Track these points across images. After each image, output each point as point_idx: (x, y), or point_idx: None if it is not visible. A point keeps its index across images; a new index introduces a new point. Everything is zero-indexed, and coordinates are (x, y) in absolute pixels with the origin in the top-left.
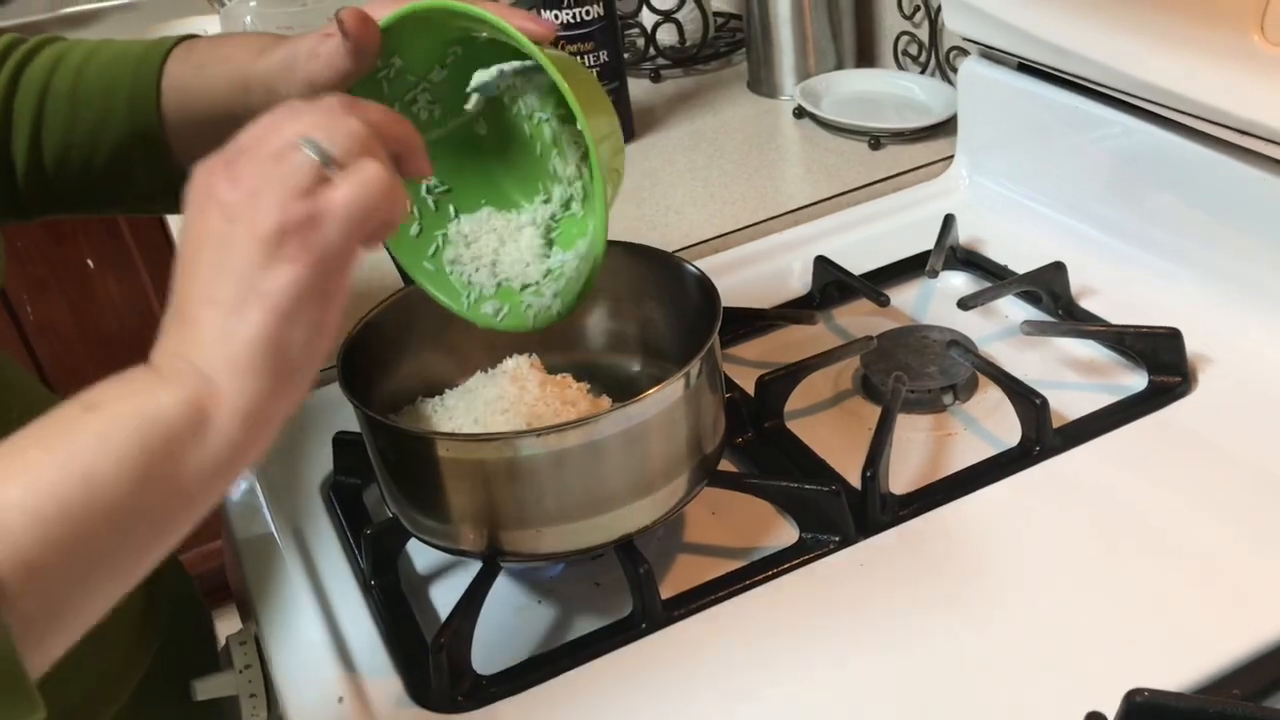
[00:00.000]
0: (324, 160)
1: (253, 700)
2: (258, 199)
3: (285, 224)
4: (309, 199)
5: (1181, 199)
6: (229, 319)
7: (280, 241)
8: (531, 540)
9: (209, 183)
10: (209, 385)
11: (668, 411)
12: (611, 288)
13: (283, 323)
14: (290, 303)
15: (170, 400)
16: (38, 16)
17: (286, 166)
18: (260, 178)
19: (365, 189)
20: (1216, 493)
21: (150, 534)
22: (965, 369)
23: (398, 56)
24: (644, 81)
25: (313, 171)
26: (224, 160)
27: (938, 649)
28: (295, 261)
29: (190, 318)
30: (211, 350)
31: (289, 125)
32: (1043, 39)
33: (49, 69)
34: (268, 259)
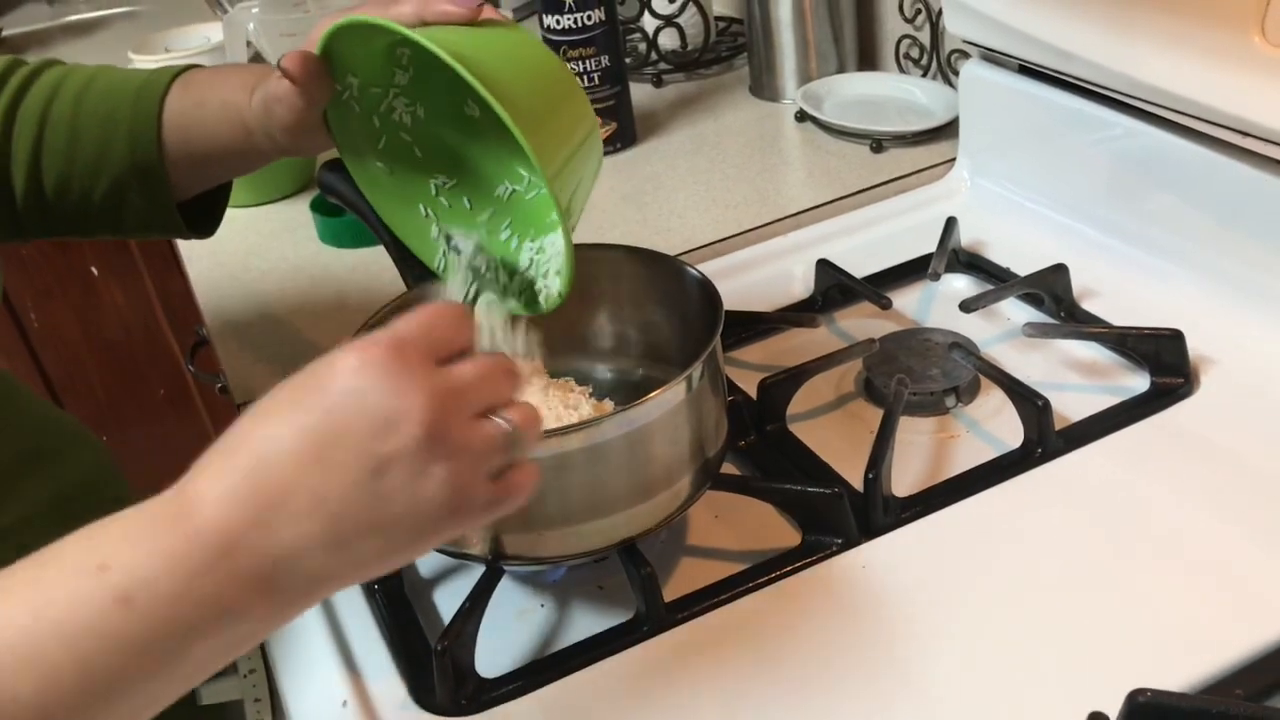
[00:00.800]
0: (512, 445)
1: (257, 705)
2: (453, 466)
3: (463, 504)
4: (492, 486)
5: (1183, 200)
6: (342, 541)
7: (444, 514)
8: (534, 543)
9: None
10: (271, 597)
11: (670, 415)
12: (613, 292)
13: (383, 567)
14: (403, 560)
15: (220, 596)
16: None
17: (489, 444)
18: (463, 440)
19: (528, 487)
20: (1219, 494)
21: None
22: (967, 371)
23: (351, 75)
24: (646, 86)
25: (504, 454)
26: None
27: (940, 650)
28: (443, 536)
29: (288, 505)
30: (300, 561)
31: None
32: (1044, 41)
33: (48, 96)
34: (424, 525)
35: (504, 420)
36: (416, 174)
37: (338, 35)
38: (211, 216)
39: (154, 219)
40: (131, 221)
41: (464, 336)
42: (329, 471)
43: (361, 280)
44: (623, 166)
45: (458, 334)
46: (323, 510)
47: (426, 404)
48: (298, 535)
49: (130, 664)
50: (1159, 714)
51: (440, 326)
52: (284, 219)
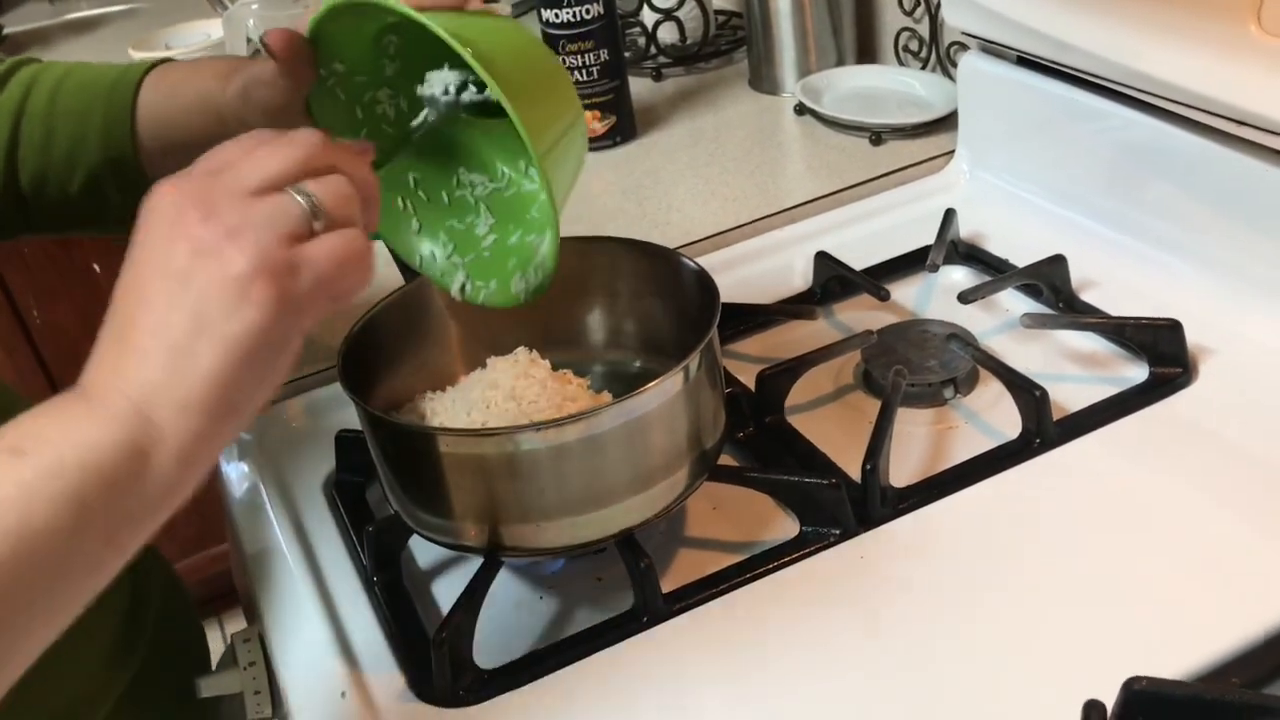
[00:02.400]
0: (313, 213)
1: (257, 697)
2: (236, 238)
3: (262, 267)
4: (291, 248)
5: (1182, 191)
6: (181, 357)
7: (250, 284)
8: (532, 535)
9: (177, 209)
10: (151, 426)
11: (667, 405)
12: (611, 284)
13: (238, 367)
14: (249, 348)
15: (108, 441)
16: (42, 22)
17: (273, 209)
18: (241, 216)
19: (347, 249)
20: (1216, 483)
21: (81, 575)
22: (965, 362)
23: (338, 61)
24: (645, 80)
25: (301, 220)
26: (195, 187)
27: (937, 640)
28: (262, 307)
29: (136, 347)
30: (158, 389)
31: (271, 163)
32: (1042, 32)
33: (23, 92)
34: (235, 300)
35: (296, 190)
36: (396, 166)
37: (330, 16)
38: None
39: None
40: (110, 216)
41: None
42: (152, 306)
43: None
44: (622, 160)
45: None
46: (160, 341)
47: (191, 199)
48: (148, 370)
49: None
50: (1155, 702)
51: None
52: None
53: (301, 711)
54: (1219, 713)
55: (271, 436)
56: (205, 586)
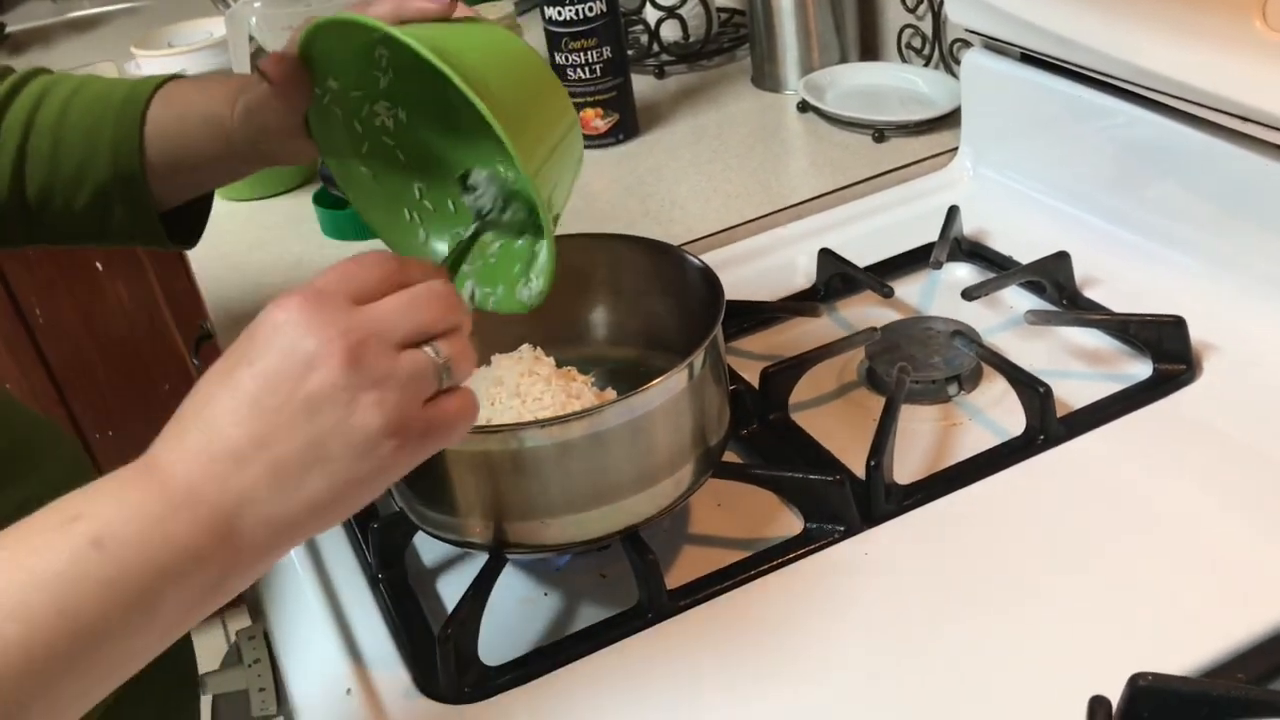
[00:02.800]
0: (446, 377)
1: (262, 694)
2: (379, 390)
3: (397, 429)
4: (426, 411)
5: (1185, 187)
6: (288, 479)
7: (382, 442)
8: (537, 532)
9: (326, 337)
10: (232, 542)
11: (671, 403)
12: (615, 281)
13: (338, 504)
14: (358, 492)
15: (184, 540)
16: (43, 20)
17: (415, 369)
18: (388, 368)
19: (469, 412)
20: (1221, 479)
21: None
22: (969, 359)
23: (331, 79)
24: (648, 78)
25: (436, 382)
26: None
27: (942, 636)
28: (386, 466)
29: (234, 452)
30: (254, 503)
31: (419, 318)
32: (1045, 29)
33: (33, 105)
34: (362, 450)
35: (431, 349)
36: (400, 177)
37: (314, 36)
38: (194, 226)
39: (136, 229)
40: (114, 231)
41: (388, 275)
42: (265, 418)
43: None
44: (625, 158)
45: (380, 275)
46: (264, 455)
47: (342, 337)
48: (246, 482)
49: (106, 606)
50: (1160, 698)
51: (361, 271)
52: (287, 212)
53: (307, 708)
54: (1224, 709)
55: None
56: None
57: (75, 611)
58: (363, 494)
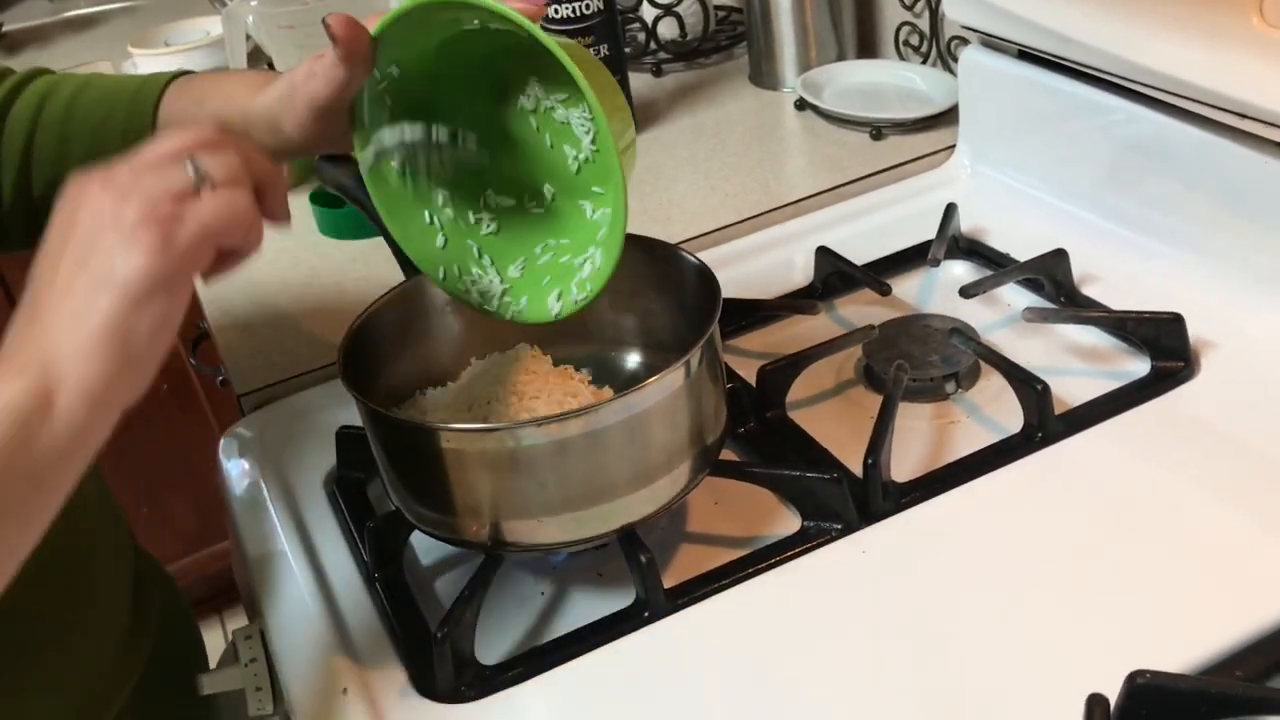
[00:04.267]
0: (200, 177)
1: (258, 693)
2: (128, 198)
3: (147, 216)
4: (177, 203)
5: (1183, 184)
6: (81, 309)
7: (137, 231)
8: (534, 530)
9: (82, 188)
10: (53, 371)
11: (668, 401)
12: (612, 279)
13: (130, 309)
14: (138, 289)
15: (17, 390)
16: (41, 20)
17: (163, 173)
18: (134, 181)
19: (230, 209)
20: (1218, 477)
21: (14, 525)
22: (967, 357)
23: (395, 66)
24: (645, 75)
25: (186, 182)
26: (101, 171)
27: (940, 634)
28: (149, 250)
29: (42, 307)
30: (59, 340)
31: (171, 143)
32: (1043, 26)
33: (39, 102)
34: (123, 246)
35: (188, 163)
36: (430, 182)
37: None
38: None
39: None
40: None
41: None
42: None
43: (361, 271)
44: None
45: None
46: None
47: (95, 174)
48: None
49: None
50: (1158, 695)
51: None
52: None
53: (303, 707)
54: (1222, 706)
55: (272, 433)
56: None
57: None
58: (150, 299)
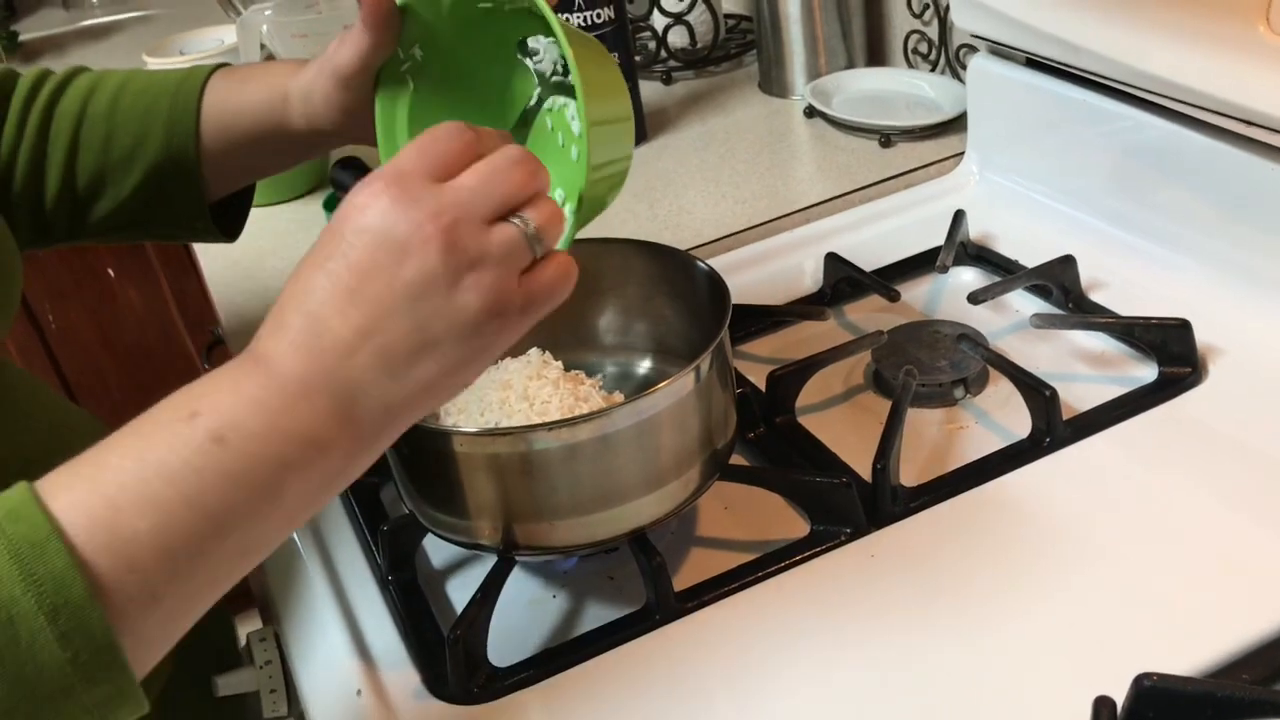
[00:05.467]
0: (535, 240)
1: (273, 695)
2: (475, 271)
3: (496, 308)
4: (521, 284)
5: (1190, 191)
6: (397, 365)
7: (486, 323)
8: (545, 534)
9: (414, 224)
10: (351, 430)
11: (678, 405)
12: (623, 285)
13: (449, 384)
14: (467, 372)
15: (305, 431)
16: (57, 29)
17: (507, 244)
18: (480, 249)
19: (563, 279)
20: (1226, 482)
21: (256, 548)
22: (976, 362)
23: (418, 48)
24: (655, 83)
25: (528, 253)
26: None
27: (948, 637)
28: (491, 343)
29: (340, 341)
30: (367, 391)
31: (504, 190)
32: (1051, 34)
33: (84, 96)
34: (467, 331)
35: (519, 220)
36: None
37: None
38: (234, 221)
39: (181, 215)
40: (159, 218)
41: (465, 148)
42: (366, 308)
43: None
44: (633, 163)
45: (456, 148)
46: (371, 345)
47: (434, 220)
48: (356, 372)
49: (233, 497)
50: (1165, 698)
51: (436, 146)
52: (298, 218)
53: (317, 709)
54: (1229, 709)
55: None
56: None
57: (202, 504)
58: (470, 371)
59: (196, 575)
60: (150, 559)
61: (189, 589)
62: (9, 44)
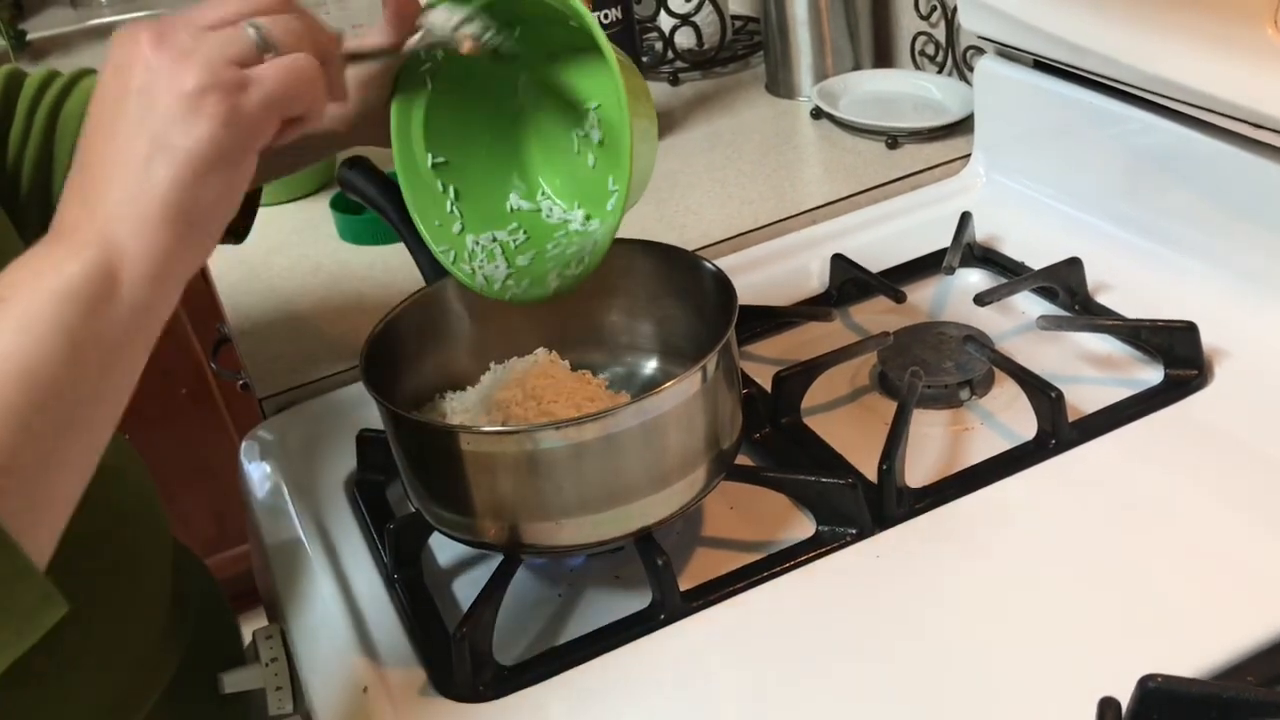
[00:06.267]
0: (262, 43)
1: (279, 693)
2: (188, 59)
3: (211, 83)
4: (240, 69)
5: (1197, 193)
6: (139, 177)
7: (201, 98)
8: (552, 533)
9: (133, 42)
10: (114, 247)
11: (685, 405)
12: (629, 285)
13: (193, 180)
14: (202, 160)
15: (78, 269)
16: (65, 28)
17: (224, 37)
18: (194, 41)
19: (296, 74)
20: (1231, 484)
21: (92, 403)
22: (982, 364)
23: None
24: (663, 84)
25: (250, 47)
26: (152, 23)
27: (953, 638)
28: (213, 119)
29: (99, 177)
30: (119, 210)
31: (230, 5)
32: (1058, 36)
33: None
34: (186, 114)
35: (249, 26)
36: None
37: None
38: (242, 223)
39: None
40: None
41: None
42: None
43: (381, 277)
44: None
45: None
46: (115, 161)
47: (145, 28)
48: (107, 190)
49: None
50: (1170, 699)
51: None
52: (305, 217)
53: (323, 706)
54: (1234, 711)
55: (293, 436)
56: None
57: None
58: (215, 170)
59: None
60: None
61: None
62: (17, 43)
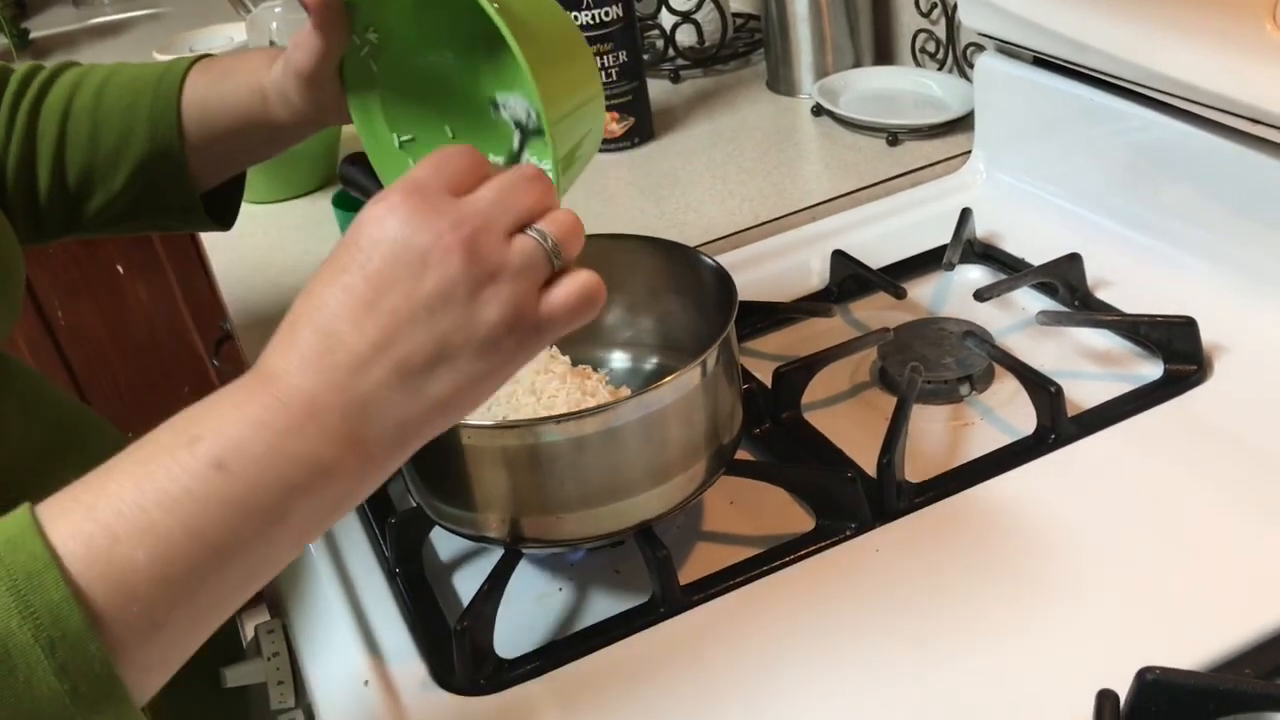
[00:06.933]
0: (553, 254)
1: (281, 686)
2: (496, 285)
3: (516, 323)
4: (540, 300)
5: (1196, 189)
6: (413, 380)
7: (504, 337)
8: (552, 527)
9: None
10: (360, 450)
11: (685, 399)
12: (630, 281)
13: (464, 400)
14: (483, 388)
15: (311, 454)
16: (67, 27)
17: (526, 256)
18: (499, 261)
19: (585, 295)
20: (1230, 478)
21: (262, 571)
22: (981, 360)
23: (373, 31)
24: (663, 82)
25: (547, 266)
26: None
27: (952, 631)
28: (509, 359)
29: (355, 356)
30: (380, 407)
31: (523, 203)
32: (1058, 33)
33: (69, 93)
34: (485, 347)
35: (537, 233)
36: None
37: None
38: (228, 210)
39: (173, 206)
40: (152, 210)
41: (477, 165)
42: (383, 320)
43: None
44: (640, 161)
45: (470, 165)
46: (387, 359)
47: (453, 232)
48: (369, 387)
49: (234, 524)
50: (1168, 692)
51: (451, 162)
52: (307, 214)
53: (325, 700)
54: (1232, 703)
55: None
56: None
57: (202, 532)
58: (485, 388)
59: (198, 602)
60: (149, 588)
61: (191, 616)
62: (20, 41)
